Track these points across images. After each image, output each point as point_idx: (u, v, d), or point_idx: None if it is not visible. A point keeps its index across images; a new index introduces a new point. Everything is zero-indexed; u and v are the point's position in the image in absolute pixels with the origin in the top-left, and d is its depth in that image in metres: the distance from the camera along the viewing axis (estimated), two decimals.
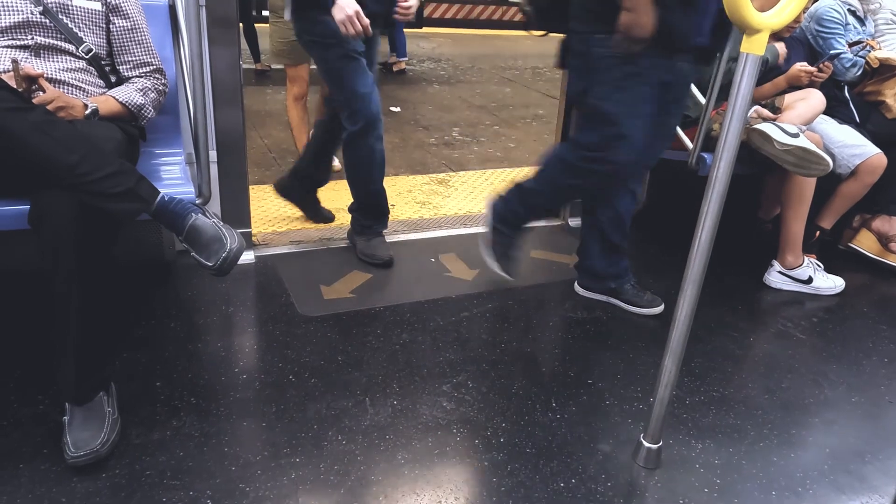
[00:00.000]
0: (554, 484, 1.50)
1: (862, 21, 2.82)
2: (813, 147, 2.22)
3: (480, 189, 3.40)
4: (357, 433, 1.61)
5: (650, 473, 1.56)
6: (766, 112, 2.41)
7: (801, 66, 2.51)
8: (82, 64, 1.74)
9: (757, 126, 2.29)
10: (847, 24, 2.73)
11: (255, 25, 6.19)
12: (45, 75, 1.57)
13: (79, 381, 1.45)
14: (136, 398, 1.65)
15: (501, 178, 3.59)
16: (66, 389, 1.47)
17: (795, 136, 2.24)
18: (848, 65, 2.67)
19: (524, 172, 3.72)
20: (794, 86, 2.54)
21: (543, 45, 2.85)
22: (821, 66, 2.52)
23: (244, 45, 5.78)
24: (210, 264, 1.49)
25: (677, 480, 1.55)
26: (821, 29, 2.69)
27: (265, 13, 8.95)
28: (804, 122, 2.38)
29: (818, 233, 2.66)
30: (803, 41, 2.75)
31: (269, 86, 5.75)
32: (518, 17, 11.20)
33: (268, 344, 1.94)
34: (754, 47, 1.24)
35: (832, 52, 2.64)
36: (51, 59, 1.69)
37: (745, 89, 1.27)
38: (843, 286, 2.53)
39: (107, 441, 1.45)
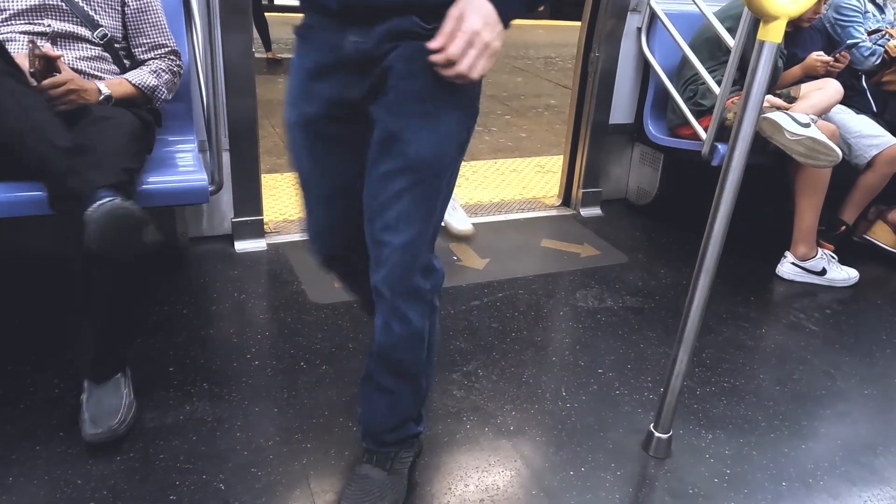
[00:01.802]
0: (563, 472, 1.51)
1: (881, 9, 2.77)
2: (822, 137, 2.20)
3: (491, 179, 3.39)
4: None
5: (660, 463, 1.56)
6: (778, 101, 2.38)
7: (817, 56, 2.48)
8: (98, 51, 1.75)
9: (768, 115, 2.26)
10: (866, 12, 2.69)
11: (266, 14, 6.19)
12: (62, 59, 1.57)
13: (99, 359, 1.47)
14: (150, 383, 1.66)
15: (512, 168, 3.58)
16: (85, 368, 1.49)
17: (806, 126, 2.21)
18: (866, 53, 2.63)
19: (535, 162, 3.71)
20: (811, 75, 2.51)
21: (555, 34, 2.83)
22: (837, 55, 2.48)
23: (255, 34, 5.78)
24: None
25: (687, 470, 1.55)
26: (839, 17, 2.65)
27: (276, 2, 8.95)
28: (819, 112, 2.35)
29: (843, 227, 2.63)
30: (822, 30, 2.71)
31: (280, 74, 5.74)
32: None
33: (279, 331, 1.96)
34: (771, 35, 1.23)
35: (850, 40, 2.60)
36: (67, 48, 1.69)
37: (762, 78, 1.25)
38: (858, 278, 2.50)
39: (124, 420, 1.47)
